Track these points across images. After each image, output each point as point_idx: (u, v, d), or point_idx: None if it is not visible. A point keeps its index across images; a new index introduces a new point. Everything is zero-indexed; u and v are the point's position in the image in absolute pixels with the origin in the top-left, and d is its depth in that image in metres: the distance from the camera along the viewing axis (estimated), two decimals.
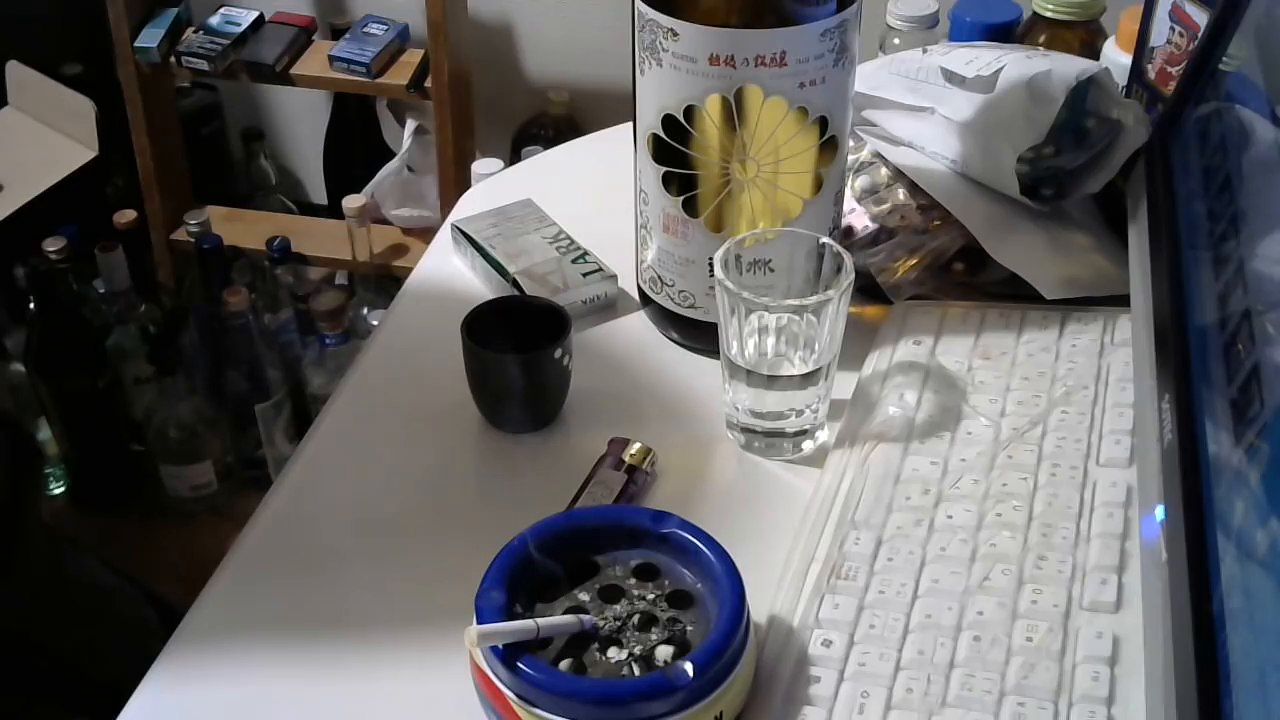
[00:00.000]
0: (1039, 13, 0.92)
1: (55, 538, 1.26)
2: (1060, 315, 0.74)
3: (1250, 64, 0.65)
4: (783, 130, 0.67)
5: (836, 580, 0.58)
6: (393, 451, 0.71)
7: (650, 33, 0.66)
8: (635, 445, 0.67)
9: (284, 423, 1.68)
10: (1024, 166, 0.77)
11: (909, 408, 0.68)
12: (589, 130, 1.21)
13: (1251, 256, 0.57)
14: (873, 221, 0.79)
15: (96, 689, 0.85)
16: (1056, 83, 0.75)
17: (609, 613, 0.54)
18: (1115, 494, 0.61)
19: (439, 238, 0.88)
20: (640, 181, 0.73)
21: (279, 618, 0.61)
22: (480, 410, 0.71)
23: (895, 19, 0.97)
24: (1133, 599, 0.55)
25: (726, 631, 0.51)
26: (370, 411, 0.74)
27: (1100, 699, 0.51)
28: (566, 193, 0.90)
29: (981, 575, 0.57)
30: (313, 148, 2.16)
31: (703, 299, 0.74)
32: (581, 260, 0.81)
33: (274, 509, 0.67)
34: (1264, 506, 0.46)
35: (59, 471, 1.76)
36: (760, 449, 0.69)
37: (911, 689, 0.53)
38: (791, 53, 0.64)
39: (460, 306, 0.71)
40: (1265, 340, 0.52)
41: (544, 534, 0.56)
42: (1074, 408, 0.66)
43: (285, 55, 1.75)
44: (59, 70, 1.69)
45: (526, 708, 0.50)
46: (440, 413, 0.72)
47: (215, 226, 1.78)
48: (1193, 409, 0.56)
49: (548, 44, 2.02)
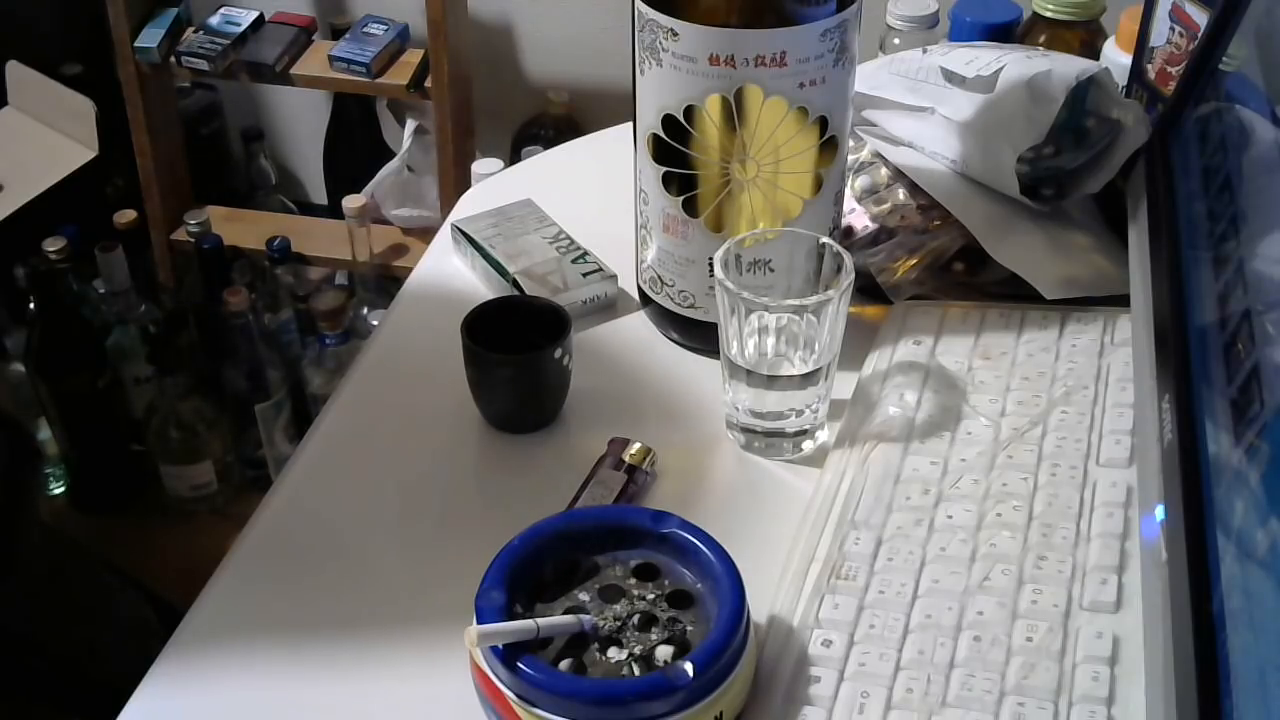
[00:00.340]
0: (1039, 13, 0.92)
1: (55, 538, 1.27)
2: (1060, 315, 0.74)
3: (1250, 64, 0.65)
4: (783, 130, 0.67)
5: (836, 580, 0.58)
6: (393, 451, 0.71)
7: (650, 33, 0.66)
8: (635, 445, 0.67)
9: (284, 423, 1.68)
10: (1024, 166, 0.77)
11: (909, 408, 0.68)
12: (589, 130, 1.21)
13: (1251, 256, 0.57)
14: (873, 221, 0.79)
15: (96, 689, 0.85)
16: (1056, 83, 0.75)
17: (609, 613, 0.54)
18: (1115, 494, 0.61)
19: (439, 238, 0.88)
20: (640, 181, 0.73)
21: (279, 618, 0.61)
22: (480, 410, 0.71)
23: (895, 19, 0.97)
24: (1133, 599, 0.55)
25: (726, 631, 0.51)
26: (370, 411, 0.74)
27: (1100, 699, 0.51)
28: (566, 193, 0.90)
29: (981, 575, 0.57)
30: (313, 148, 2.16)
31: (703, 299, 0.74)
32: (581, 260, 0.81)
33: (274, 509, 0.67)
34: (1264, 506, 0.46)
35: (59, 471, 1.76)
36: (760, 449, 0.69)
37: (911, 689, 0.53)
38: (791, 53, 0.64)
39: (460, 306, 0.71)
40: (1265, 340, 0.52)
41: (544, 534, 0.56)
42: (1074, 408, 0.66)
43: (285, 55, 1.75)
44: (59, 70, 1.69)
45: (526, 708, 0.50)
46: (440, 413, 0.72)
47: (215, 226, 1.78)
48: (1193, 409, 0.56)
49: (548, 44, 2.02)
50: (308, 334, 1.71)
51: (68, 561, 1.12)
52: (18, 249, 1.68)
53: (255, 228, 1.86)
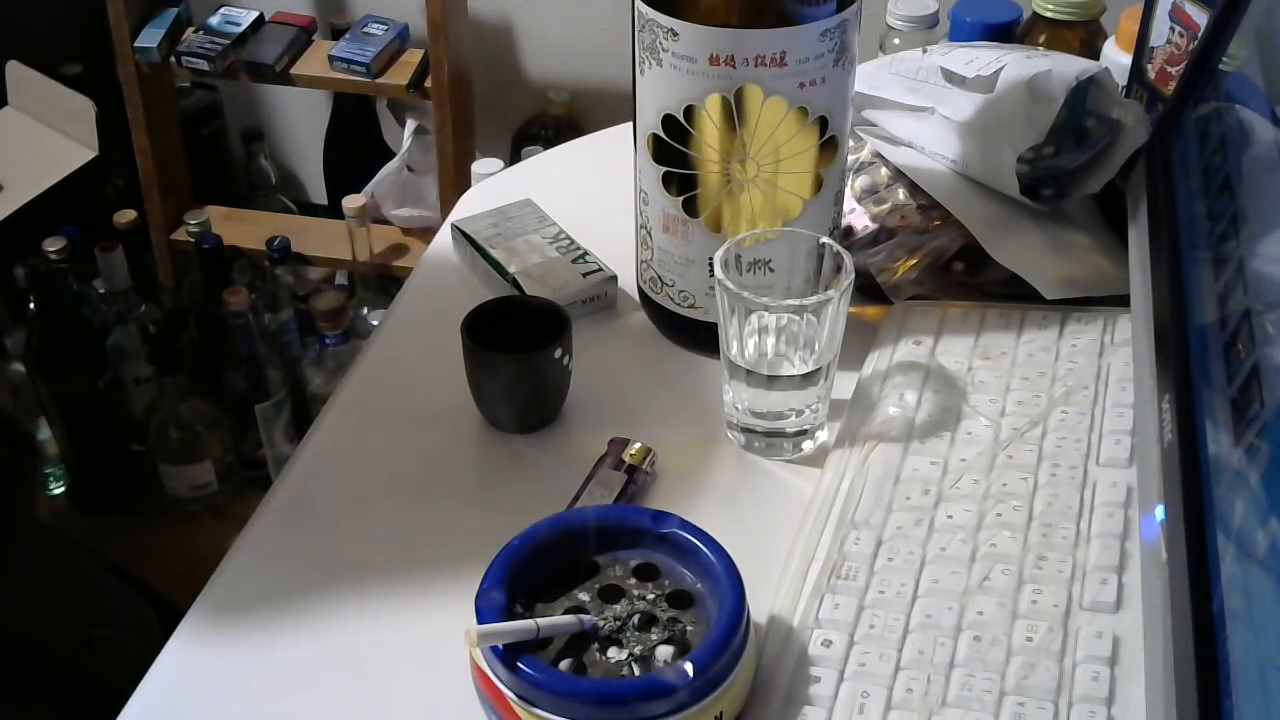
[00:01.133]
0: (1039, 13, 0.92)
1: (54, 537, 1.27)
2: (1060, 315, 0.74)
3: (1250, 64, 0.65)
4: (783, 130, 0.67)
5: (836, 580, 0.58)
6: (392, 451, 0.71)
7: (650, 33, 0.66)
8: (635, 445, 0.67)
9: (284, 423, 1.68)
10: (1024, 166, 0.77)
11: (909, 408, 0.68)
12: (589, 130, 1.21)
13: (1251, 256, 0.57)
14: (873, 221, 0.79)
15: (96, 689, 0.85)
16: (1056, 83, 0.75)
17: (609, 613, 0.54)
18: (1115, 494, 0.61)
19: (439, 238, 0.88)
20: (640, 181, 0.73)
21: (279, 618, 0.61)
22: (480, 410, 0.71)
23: (895, 19, 0.97)
24: (1133, 599, 0.55)
25: (726, 631, 0.51)
26: (370, 411, 0.74)
27: (1100, 699, 0.51)
28: (566, 193, 0.90)
29: (981, 575, 0.57)
30: (313, 148, 2.16)
31: (703, 299, 0.74)
32: (581, 260, 0.81)
33: (274, 509, 0.67)
34: (1264, 506, 0.46)
35: (59, 471, 1.76)
36: (760, 449, 0.69)
37: (911, 689, 0.53)
38: (791, 53, 0.64)
39: (460, 306, 0.71)
40: (1265, 340, 0.52)
41: (544, 534, 0.56)
42: (1074, 408, 0.66)
43: (285, 55, 1.75)
44: (59, 70, 1.69)
45: (526, 708, 0.50)
46: (440, 413, 0.72)
47: (215, 226, 1.78)
48: (1193, 409, 0.56)
49: (548, 44, 2.02)
50: (308, 334, 1.71)
51: (67, 561, 1.12)
52: (18, 249, 1.68)
53: (255, 228, 1.86)
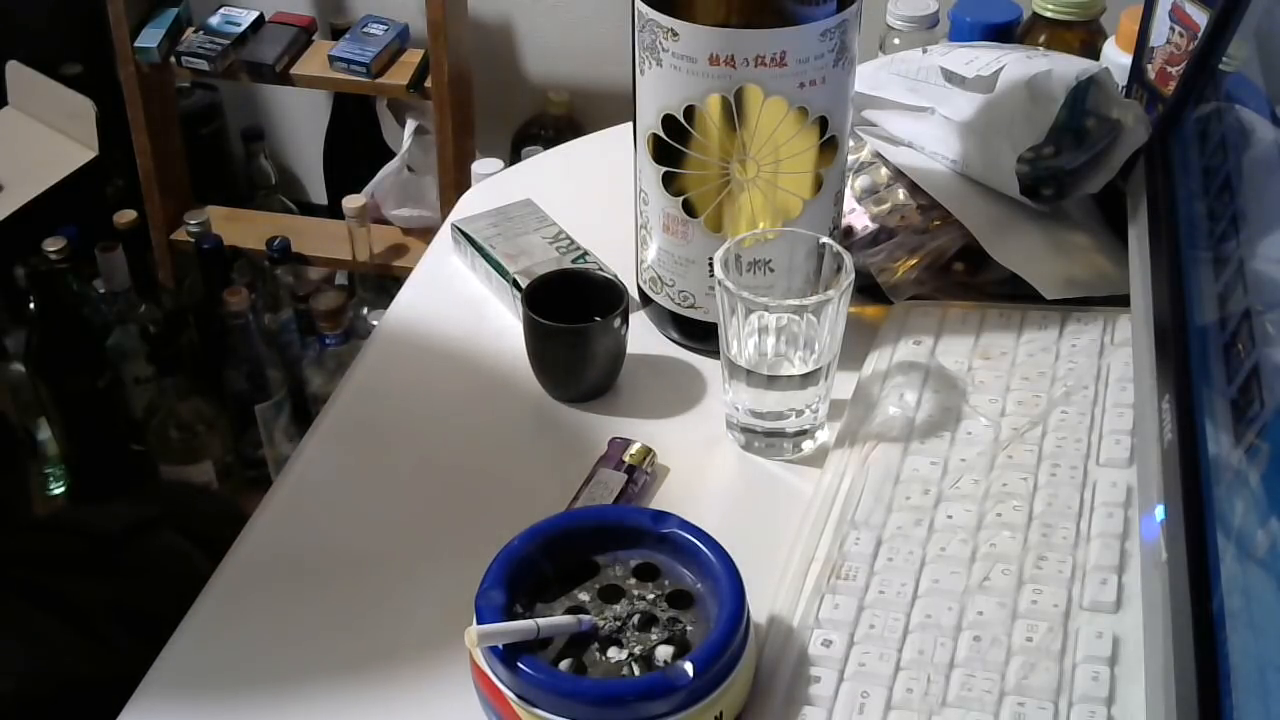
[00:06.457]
0: (1039, 13, 0.92)
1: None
2: (1060, 315, 0.74)
3: (1250, 64, 0.65)
4: (783, 130, 0.67)
5: (836, 580, 0.58)
6: (392, 452, 0.71)
7: (650, 33, 0.66)
8: (635, 445, 0.67)
9: (284, 423, 1.68)
10: (1024, 166, 0.77)
11: (909, 408, 0.68)
12: (589, 130, 1.21)
13: (1251, 256, 0.57)
14: (873, 221, 0.79)
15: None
16: (1056, 83, 0.75)
17: (609, 613, 0.54)
18: (1115, 494, 0.61)
19: (439, 238, 0.88)
20: (640, 181, 0.73)
21: (278, 618, 0.61)
22: (542, 384, 0.72)
23: (895, 19, 0.97)
24: (1133, 599, 0.55)
25: (726, 631, 0.51)
26: (370, 411, 0.74)
27: (1100, 699, 0.51)
28: (566, 193, 0.90)
29: (981, 575, 0.57)
30: (313, 148, 2.16)
31: (703, 299, 0.74)
32: (581, 260, 0.81)
33: (274, 509, 0.67)
34: (1264, 506, 0.46)
35: (59, 471, 1.76)
36: (760, 449, 0.69)
37: (911, 689, 0.53)
38: (791, 53, 0.64)
39: (460, 306, 0.71)
40: (1265, 340, 0.52)
41: (544, 534, 0.56)
42: (1074, 408, 0.66)
43: (285, 55, 1.75)
44: (59, 70, 1.69)
45: (526, 708, 0.50)
46: (440, 413, 0.72)
47: (215, 226, 1.78)
48: (1193, 409, 0.56)
49: (548, 44, 2.02)
50: (308, 334, 1.71)
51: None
52: (18, 249, 1.68)
53: (255, 228, 1.87)
